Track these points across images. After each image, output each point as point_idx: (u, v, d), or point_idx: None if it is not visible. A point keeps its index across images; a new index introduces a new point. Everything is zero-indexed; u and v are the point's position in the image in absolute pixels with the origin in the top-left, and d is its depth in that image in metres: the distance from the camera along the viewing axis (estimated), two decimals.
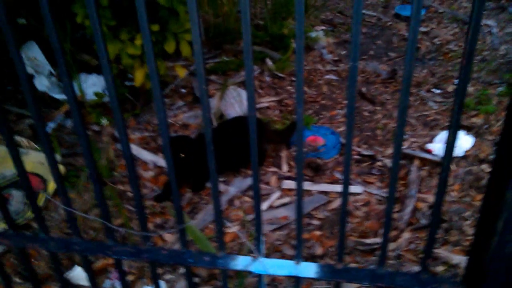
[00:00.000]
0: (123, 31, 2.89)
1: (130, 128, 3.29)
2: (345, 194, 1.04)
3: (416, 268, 2.13)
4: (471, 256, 1.03)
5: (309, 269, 1.13)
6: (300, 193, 1.05)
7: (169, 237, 2.37)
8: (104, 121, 3.27)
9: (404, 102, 0.89)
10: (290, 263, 1.14)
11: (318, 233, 2.37)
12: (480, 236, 0.98)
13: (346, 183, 1.03)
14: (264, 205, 2.55)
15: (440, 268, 2.11)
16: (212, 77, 4.00)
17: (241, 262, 1.15)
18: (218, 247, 1.17)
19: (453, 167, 2.84)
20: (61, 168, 2.76)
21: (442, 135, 3.10)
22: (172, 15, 2.95)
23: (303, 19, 0.81)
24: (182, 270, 2.17)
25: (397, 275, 1.11)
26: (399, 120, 0.91)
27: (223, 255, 1.16)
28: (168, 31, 2.97)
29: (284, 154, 2.96)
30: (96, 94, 3.36)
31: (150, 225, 2.43)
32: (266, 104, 3.61)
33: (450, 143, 0.93)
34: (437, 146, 2.98)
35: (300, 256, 1.13)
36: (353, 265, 2.16)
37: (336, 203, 2.60)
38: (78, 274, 2.08)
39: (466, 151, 2.96)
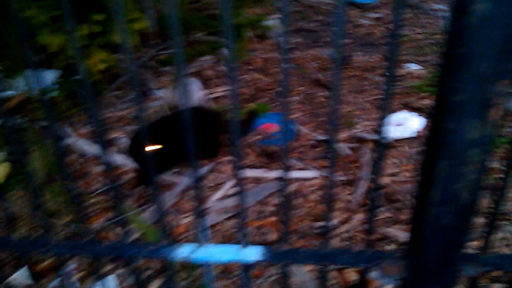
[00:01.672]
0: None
1: (80, 122, 3.18)
2: (285, 171, 1.03)
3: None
4: (412, 230, 1.04)
5: (254, 253, 1.11)
6: (240, 175, 1.03)
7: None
8: None
9: (336, 83, 0.87)
10: (235, 247, 1.12)
11: (272, 219, 2.36)
12: (418, 209, 0.99)
13: (285, 159, 1.02)
14: (218, 194, 2.51)
15: (391, 247, 2.15)
16: (167, 68, 3.92)
17: (185, 250, 1.12)
18: (162, 236, 1.14)
19: (405, 147, 2.90)
20: (7, 165, 2.65)
21: (394, 117, 3.15)
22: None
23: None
24: (133, 264, 2.12)
25: (341, 253, 1.11)
26: (333, 99, 0.90)
27: (167, 244, 1.13)
28: (114, 20, 2.87)
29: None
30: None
31: (101, 220, 2.36)
32: (222, 94, 3.57)
33: (383, 121, 0.93)
34: (390, 129, 3.03)
35: (245, 240, 1.11)
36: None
37: (291, 188, 2.60)
38: (23, 274, 1.99)
39: (418, 132, 3.02)
